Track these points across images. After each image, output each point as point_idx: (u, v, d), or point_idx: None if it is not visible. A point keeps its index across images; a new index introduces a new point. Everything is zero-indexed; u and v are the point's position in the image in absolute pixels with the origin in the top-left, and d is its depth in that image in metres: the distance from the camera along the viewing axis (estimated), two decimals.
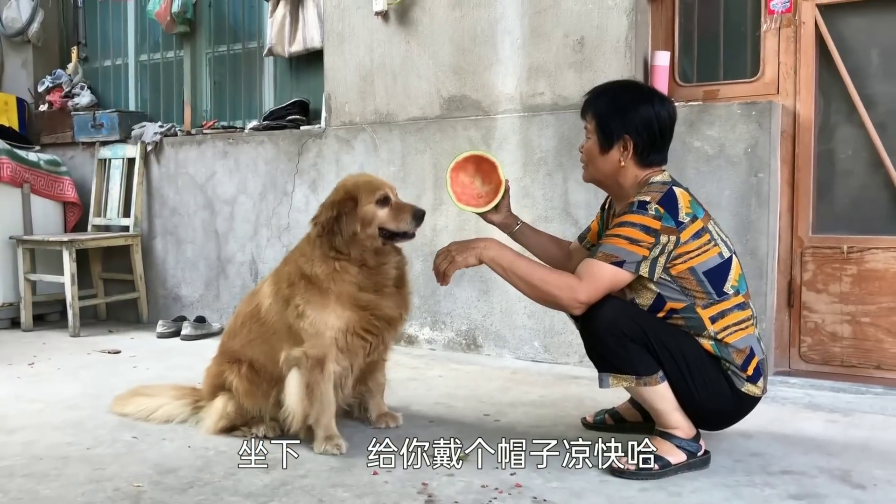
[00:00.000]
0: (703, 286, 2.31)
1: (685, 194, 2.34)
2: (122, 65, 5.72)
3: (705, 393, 2.32)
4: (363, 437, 2.70)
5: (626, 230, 2.28)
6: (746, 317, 2.36)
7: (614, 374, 2.33)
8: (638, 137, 2.39)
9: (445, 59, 4.08)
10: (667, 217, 2.27)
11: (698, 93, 3.70)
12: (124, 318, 5.24)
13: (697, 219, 2.31)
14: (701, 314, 2.32)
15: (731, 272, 2.35)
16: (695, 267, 2.30)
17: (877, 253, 3.36)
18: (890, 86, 3.40)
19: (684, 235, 2.28)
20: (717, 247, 2.33)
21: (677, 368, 2.31)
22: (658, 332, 2.31)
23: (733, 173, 3.39)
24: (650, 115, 2.39)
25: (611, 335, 2.30)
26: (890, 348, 3.34)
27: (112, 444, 2.69)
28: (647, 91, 2.52)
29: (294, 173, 4.59)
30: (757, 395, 2.39)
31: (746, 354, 2.33)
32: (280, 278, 2.69)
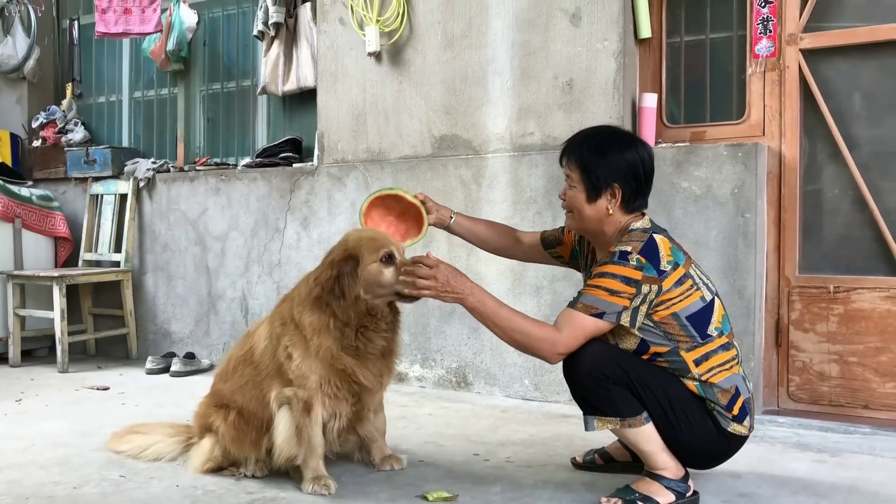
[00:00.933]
0: (686, 330, 2.32)
1: (666, 241, 2.35)
2: (116, 101, 5.76)
3: (690, 433, 2.33)
4: (352, 476, 2.70)
5: (606, 281, 2.28)
6: (731, 357, 2.37)
7: (599, 417, 2.34)
8: (626, 185, 2.38)
9: (437, 99, 4.14)
10: (648, 267, 2.27)
11: (685, 134, 3.76)
12: (114, 353, 5.22)
13: (679, 265, 2.32)
14: (685, 357, 2.33)
15: (714, 314, 2.36)
16: (677, 312, 2.31)
17: (863, 293, 3.39)
18: (872, 128, 3.47)
19: (666, 284, 2.29)
20: (699, 291, 2.34)
21: (661, 409, 2.32)
22: (640, 373, 2.32)
23: (720, 213, 3.44)
24: (636, 160, 2.40)
25: (593, 378, 2.31)
26: (877, 388, 3.37)
27: (99, 482, 2.67)
28: (628, 136, 2.51)
29: (286, 210, 4.62)
30: (743, 435, 2.39)
31: (731, 394, 2.34)
32: (275, 317, 2.68)
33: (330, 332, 2.50)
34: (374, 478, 2.69)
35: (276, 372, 2.60)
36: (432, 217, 2.79)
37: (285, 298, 2.73)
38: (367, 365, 2.54)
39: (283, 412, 2.59)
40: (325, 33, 4.46)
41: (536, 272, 3.85)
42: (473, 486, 2.59)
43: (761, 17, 3.58)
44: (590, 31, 3.73)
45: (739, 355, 2.43)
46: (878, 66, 3.47)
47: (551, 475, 2.71)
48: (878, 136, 3.45)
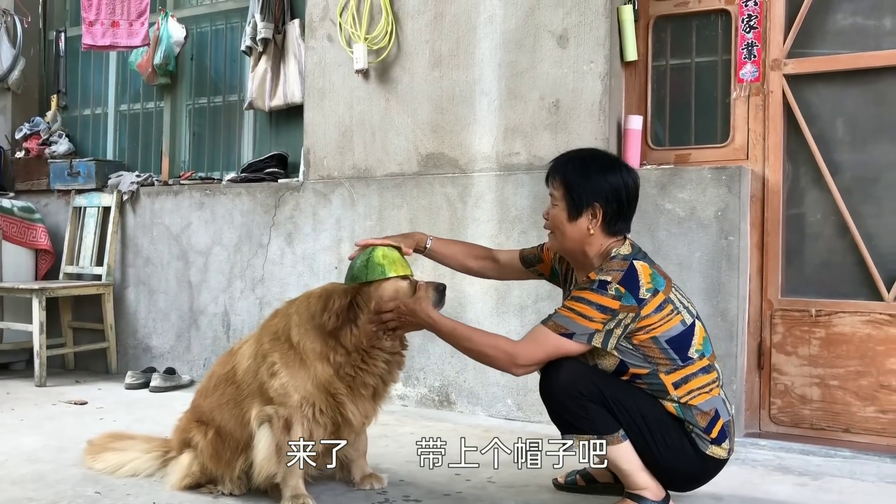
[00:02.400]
0: (666, 354, 2.31)
1: (646, 268, 2.34)
2: (102, 114, 5.74)
3: (667, 454, 2.32)
4: (331, 495, 2.67)
5: (582, 307, 2.28)
6: (712, 379, 2.37)
7: (576, 436, 2.34)
8: (607, 206, 2.39)
9: (424, 118, 4.15)
10: (627, 296, 2.27)
11: (670, 156, 3.78)
12: (93, 368, 5.16)
13: (659, 292, 2.31)
14: (664, 380, 2.32)
15: (695, 337, 2.36)
16: (657, 336, 2.31)
17: (844, 317, 3.41)
18: (854, 153, 3.51)
19: (646, 311, 2.28)
20: (679, 315, 2.34)
21: (637, 429, 2.31)
22: (617, 392, 2.31)
23: (704, 236, 3.45)
24: (619, 183, 2.41)
25: (569, 396, 2.31)
26: (857, 412, 3.38)
27: (73, 500, 2.62)
28: (614, 159, 2.53)
29: (270, 226, 4.60)
30: (722, 458, 2.37)
31: (711, 417, 2.33)
32: (263, 333, 2.63)
33: (331, 362, 2.49)
34: (354, 496, 2.67)
35: (258, 391, 2.57)
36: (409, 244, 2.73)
37: (277, 314, 2.68)
38: (357, 402, 2.53)
39: (264, 430, 2.56)
40: (313, 50, 4.47)
41: (521, 291, 3.85)
42: None
43: (746, 42, 3.63)
44: (576, 52, 3.76)
45: (720, 378, 2.42)
46: (860, 93, 3.51)
47: (533, 496, 2.69)
48: (860, 162, 3.49)
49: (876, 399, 3.35)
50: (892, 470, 3.04)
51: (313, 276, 4.42)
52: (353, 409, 2.53)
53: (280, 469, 2.54)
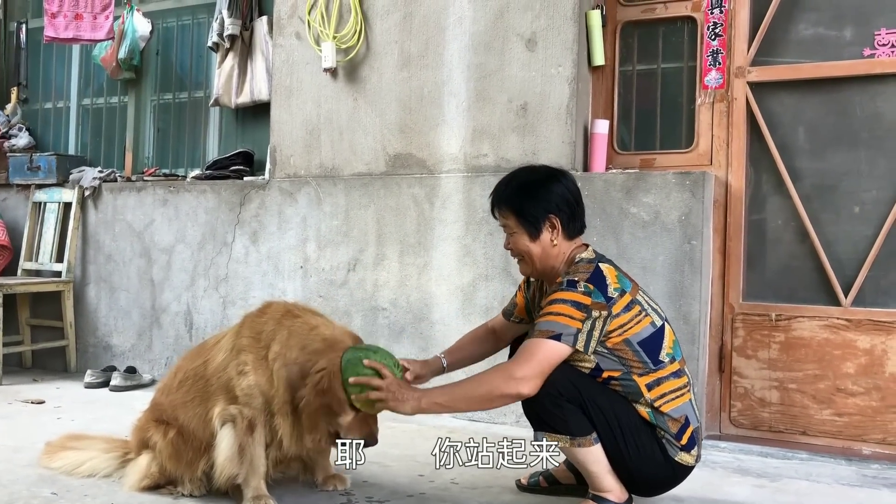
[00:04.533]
0: (638, 356, 2.34)
1: (611, 269, 2.39)
2: (64, 108, 5.64)
3: (638, 459, 2.34)
4: (294, 496, 2.65)
5: (558, 307, 2.30)
6: (682, 384, 2.39)
7: (549, 434, 2.35)
8: (561, 214, 2.43)
9: (392, 118, 4.14)
10: (596, 293, 2.30)
11: (635, 161, 3.82)
12: (51, 366, 5.07)
13: (626, 292, 2.35)
14: (637, 382, 2.35)
15: (665, 340, 2.39)
16: (629, 339, 2.33)
17: (803, 321, 3.47)
18: (814, 161, 3.57)
19: (615, 309, 2.31)
20: (648, 317, 2.37)
21: (611, 432, 2.33)
22: (593, 394, 2.33)
23: (668, 240, 3.49)
24: (562, 189, 2.46)
25: (546, 395, 2.31)
26: (815, 415, 3.44)
27: (29, 500, 2.57)
28: (548, 170, 2.55)
29: (235, 224, 4.55)
30: (690, 465, 2.40)
31: (681, 424, 2.36)
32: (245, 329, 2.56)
33: (287, 405, 2.44)
34: (316, 498, 2.65)
35: (225, 387, 2.54)
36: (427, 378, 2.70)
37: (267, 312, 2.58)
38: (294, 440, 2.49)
39: (227, 430, 2.53)
40: (281, 47, 4.44)
41: (486, 293, 3.86)
42: None
43: (711, 49, 3.67)
44: (545, 56, 3.78)
45: (690, 382, 2.45)
46: (821, 102, 3.58)
47: (496, 497, 2.70)
48: (821, 169, 3.56)
49: (833, 402, 3.41)
50: (846, 472, 3.11)
51: (278, 275, 4.39)
52: (289, 441, 2.48)
53: (242, 470, 2.52)
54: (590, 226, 3.60)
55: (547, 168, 2.57)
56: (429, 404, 2.34)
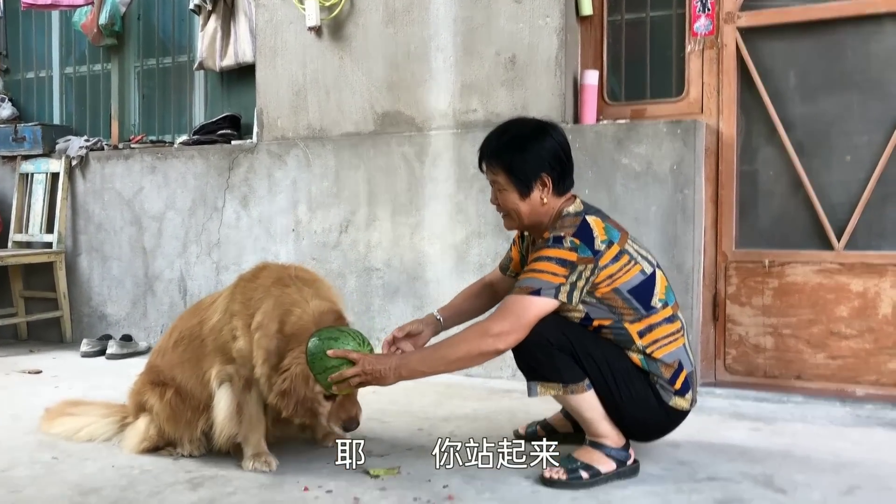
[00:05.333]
0: (629, 304, 2.33)
1: (599, 221, 2.36)
2: (46, 77, 5.56)
3: (631, 404, 2.35)
4: (294, 453, 2.66)
5: (541, 264, 2.28)
6: (675, 329, 2.39)
7: (542, 383, 2.36)
8: (553, 171, 2.39)
9: (379, 75, 4.09)
10: (583, 248, 2.28)
11: (626, 111, 3.79)
12: (46, 337, 5.06)
13: (613, 243, 2.33)
14: (629, 329, 2.35)
15: (657, 286, 2.38)
16: (619, 287, 2.32)
17: (796, 267, 3.48)
18: (806, 105, 3.55)
19: (603, 261, 2.30)
20: (637, 265, 2.35)
21: (603, 379, 2.34)
22: (584, 342, 2.34)
23: (660, 190, 3.48)
24: (553, 146, 2.40)
25: (537, 345, 2.32)
26: (809, 359, 3.46)
27: (30, 465, 2.58)
28: (539, 124, 2.48)
29: (225, 188, 4.52)
30: (684, 409, 2.41)
31: (675, 369, 2.36)
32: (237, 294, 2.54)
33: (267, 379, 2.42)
34: (317, 454, 2.66)
35: (221, 349, 2.54)
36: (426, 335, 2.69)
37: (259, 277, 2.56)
38: None
39: (224, 389, 2.54)
40: (264, 7, 4.36)
41: (479, 250, 3.85)
42: (416, 459, 2.59)
43: None
44: (532, 7, 3.73)
45: (684, 327, 2.45)
46: (811, 46, 3.55)
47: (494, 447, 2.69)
48: (813, 114, 3.53)
49: (826, 346, 3.43)
50: (841, 413, 3.14)
51: (270, 239, 4.37)
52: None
53: (241, 428, 2.53)
54: (581, 178, 3.60)
55: (537, 122, 2.50)
56: (409, 372, 2.34)
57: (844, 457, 2.60)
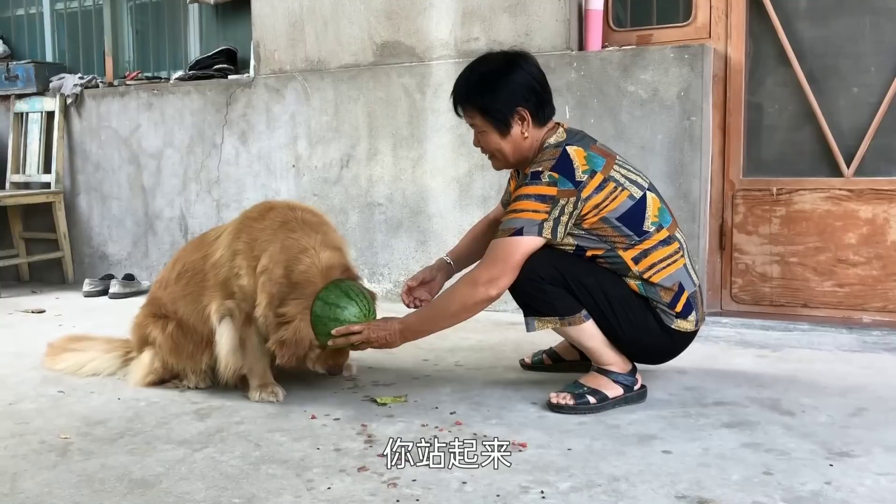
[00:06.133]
0: (619, 231, 2.29)
1: (580, 151, 2.28)
2: (37, 13, 5.43)
3: (631, 330, 2.33)
4: (301, 383, 2.66)
5: (521, 203, 2.25)
6: (673, 251, 2.33)
7: (538, 318, 2.34)
8: (528, 104, 2.32)
9: (377, 4, 3.98)
10: (562, 181, 2.23)
11: (632, 37, 3.69)
12: (48, 278, 5.05)
13: (596, 172, 2.26)
14: (623, 256, 2.30)
15: (648, 210, 2.32)
16: (607, 216, 2.27)
17: (804, 194, 3.43)
18: (817, 28, 3.45)
19: (585, 192, 2.24)
20: (625, 191, 2.29)
21: (599, 308, 2.31)
22: (576, 273, 2.30)
23: (666, 117, 3.41)
24: (525, 77, 2.33)
25: (528, 281, 2.29)
26: (816, 287, 3.44)
27: (36, 399, 2.58)
28: (507, 57, 2.39)
29: (223, 125, 4.45)
30: (689, 331, 2.38)
31: (675, 292, 2.32)
32: (245, 230, 2.51)
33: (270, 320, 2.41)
34: (324, 384, 2.66)
35: (223, 284, 2.51)
36: (440, 280, 2.67)
37: (267, 217, 2.51)
38: None
39: (226, 324, 2.52)
40: None
41: (483, 182, 3.80)
42: (423, 388, 2.58)
43: None
44: None
45: (683, 247, 2.39)
46: None
47: (500, 376, 2.71)
48: (823, 37, 3.44)
49: (833, 274, 3.41)
50: (847, 339, 3.13)
51: (270, 175, 4.32)
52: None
53: (246, 361, 2.53)
54: (587, 106, 3.54)
55: (505, 55, 2.41)
56: (413, 334, 2.39)
57: (851, 381, 2.59)
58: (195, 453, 2.06)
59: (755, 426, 2.19)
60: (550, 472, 1.89)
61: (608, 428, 2.19)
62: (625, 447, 2.05)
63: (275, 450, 2.07)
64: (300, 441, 2.13)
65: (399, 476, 1.87)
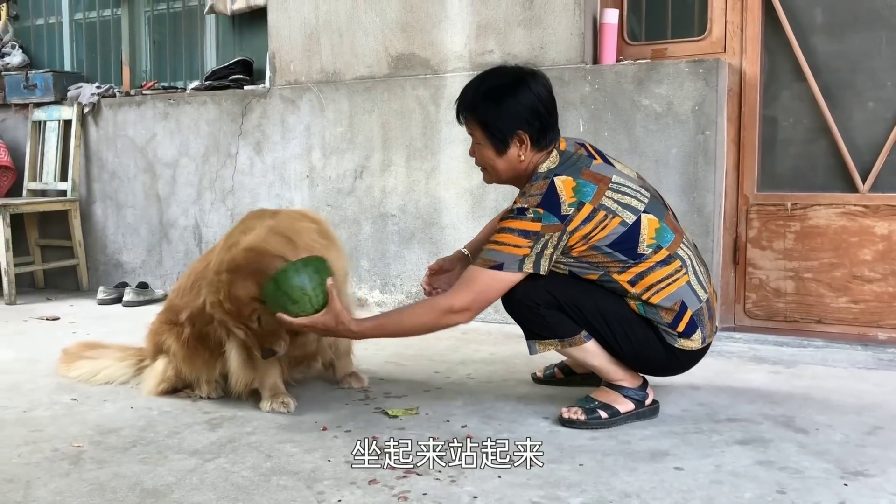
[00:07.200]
0: (612, 257, 2.24)
1: (569, 181, 2.21)
2: (56, 23, 5.48)
3: (633, 350, 2.30)
4: (312, 394, 2.67)
5: (505, 236, 2.20)
6: (673, 270, 2.27)
7: (539, 341, 2.33)
8: (530, 128, 2.27)
9: (393, 16, 4.00)
10: (547, 216, 2.18)
11: (647, 51, 3.69)
12: (63, 285, 5.08)
13: (584, 203, 2.20)
14: (618, 279, 2.26)
15: (642, 233, 2.25)
16: (597, 244, 2.23)
17: (819, 209, 3.41)
18: (833, 43, 3.44)
19: (572, 226, 2.20)
20: (616, 217, 2.22)
21: (598, 329, 2.29)
22: (572, 296, 2.27)
23: (681, 131, 3.40)
24: (532, 99, 2.27)
25: (523, 306, 2.29)
26: (830, 303, 3.42)
27: (50, 406, 2.60)
28: (519, 73, 2.33)
29: (238, 135, 4.47)
30: (694, 349, 2.34)
31: (676, 311, 2.27)
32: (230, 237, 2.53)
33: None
34: (335, 395, 2.67)
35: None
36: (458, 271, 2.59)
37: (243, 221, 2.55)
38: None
39: (234, 338, 2.53)
40: None
41: (496, 195, 3.80)
42: (434, 400, 2.58)
43: None
44: None
45: (687, 263, 2.31)
46: None
47: (512, 390, 2.71)
48: (839, 52, 3.43)
49: (848, 290, 3.38)
50: (862, 357, 3.10)
51: (284, 185, 4.34)
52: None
53: (257, 374, 2.54)
54: (601, 120, 3.54)
55: (517, 70, 2.35)
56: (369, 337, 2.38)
57: (866, 399, 2.57)
58: (206, 463, 2.07)
59: (768, 444, 2.17)
60: (562, 487, 1.89)
61: (620, 443, 2.18)
62: (636, 463, 2.04)
63: (286, 461, 2.07)
64: (311, 453, 2.13)
65: (410, 490, 1.87)
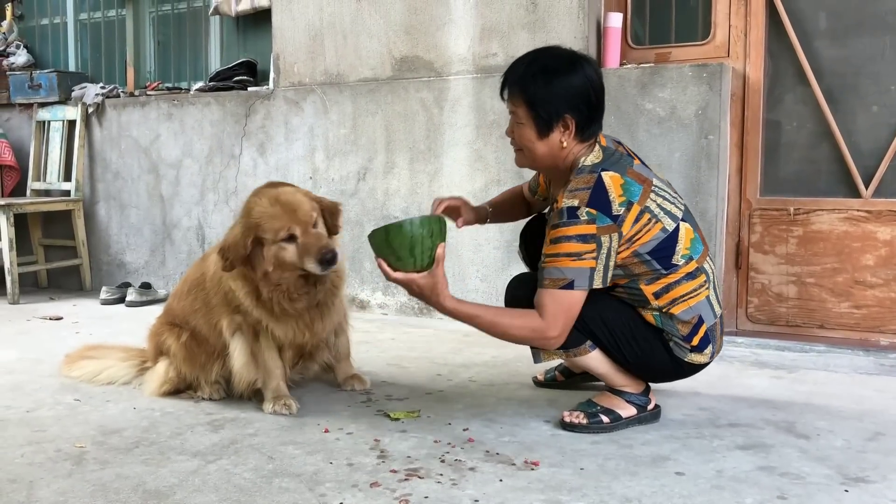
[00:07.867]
0: (648, 265, 2.21)
1: (616, 178, 2.14)
2: (61, 23, 5.50)
3: (636, 359, 2.30)
4: (314, 396, 2.67)
5: (563, 246, 2.12)
6: (698, 284, 2.25)
7: (544, 352, 2.32)
8: (578, 113, 2.18)
9: (397, 19, 4.01)
10: (601, 217, 2.11)
11: (650, 55, 3.70)
12: (66, 285, 5.10)
13: (633, 203, 2.14)
14: (644, 290, 2.23)
15: (680, 242, 2.21)
16: (638, 250, 2.18)
17: (822, 214, 3.41)
18: (836, 48, 3.44)
19: (625, 228, 2.14)
20: (658, 223, 2.18)
21: (602, 343, 2.29)
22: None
23: (684, 135, 3.41)
24: (584, 84, 2.18)
25: None
26: (833, 308, 3.42)
27: (53, 406, 2.60)
28: (573, 56, 2.22)
29: (241, 136, 4.48)
30: (702, 363, 2.33)
31: (693, 325, 2.25)
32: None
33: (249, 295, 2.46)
34: (337, 397, 2.67)
35: (225, 299, 2.54)
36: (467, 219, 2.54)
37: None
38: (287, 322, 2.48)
39: (237, 338, 2.56)
40: None
41: None
42: (436, 403, 2.58)
43: None
44: None
45: (710, 278, 2.29)
46: None
47: (513, 393, 2.71)
48: (843, 57, 3.43)
49: (851, 295, 3.38)
50: (864, 362, 3.10)
51: None
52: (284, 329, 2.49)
53: (259, 375, 2.55)
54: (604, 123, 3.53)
55: (574, 55, 2.23)
56: (455, 318, 2.22)
57: (867, 404, 2.57)
58: (209, 465, 2.07)
59: (770, 449, 2.18)
60: (563, 491, 1.89)
61: (621, 448, 2.19)
62: (638, 468, 2.04)
63: (288, 463, 2.08)
64: (313, 455, 2.14)
65: (411, 493, 1.88)
